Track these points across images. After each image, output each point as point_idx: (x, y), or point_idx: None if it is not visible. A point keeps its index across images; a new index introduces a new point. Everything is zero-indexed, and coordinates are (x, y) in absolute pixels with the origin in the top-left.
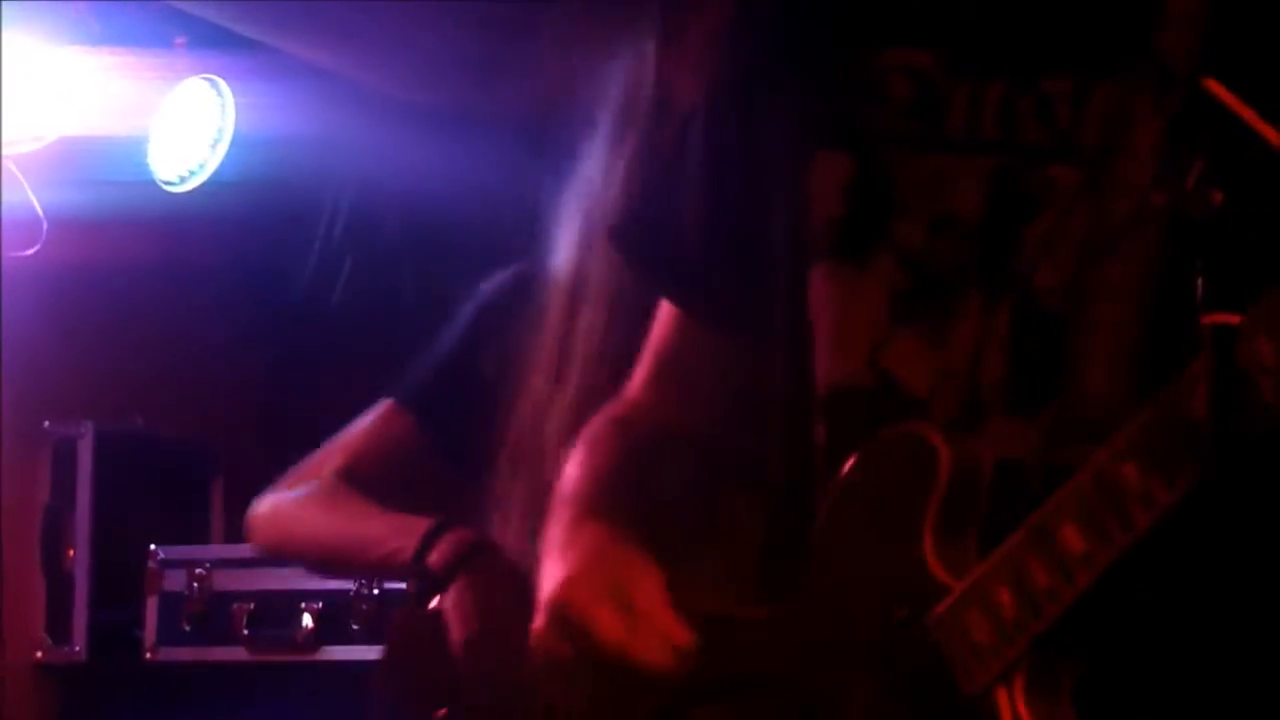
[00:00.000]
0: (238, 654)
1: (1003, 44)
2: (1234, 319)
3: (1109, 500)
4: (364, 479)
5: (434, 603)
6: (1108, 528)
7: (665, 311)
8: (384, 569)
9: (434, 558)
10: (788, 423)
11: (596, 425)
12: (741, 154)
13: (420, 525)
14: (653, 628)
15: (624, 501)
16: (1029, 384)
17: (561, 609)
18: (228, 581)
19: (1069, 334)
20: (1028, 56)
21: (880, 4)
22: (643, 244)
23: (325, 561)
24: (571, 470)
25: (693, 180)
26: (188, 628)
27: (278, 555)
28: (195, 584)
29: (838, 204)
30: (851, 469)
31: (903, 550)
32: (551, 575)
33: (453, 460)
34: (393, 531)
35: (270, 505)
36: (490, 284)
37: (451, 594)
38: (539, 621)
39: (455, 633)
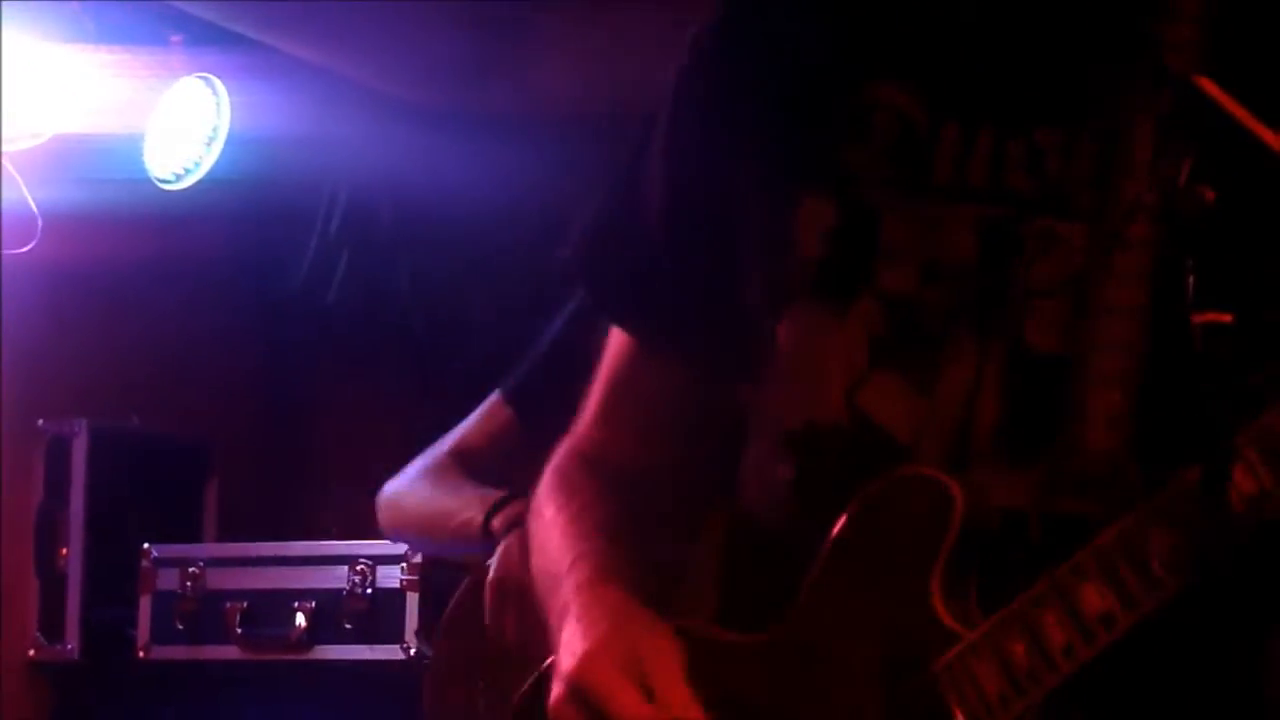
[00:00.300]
0: (230, 653)
1: (993, 90)
2: (1225, 318)
3: (1133, 562)
4: (471, 465)
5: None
6: (1131, 589)
7: (616, 339)
8: (460, 538)
9: (497, 520)
10: (748, 456)
11: (565, 465)
12: (704, 184)
13: (494, 496)
14: (669, 707)
15: (621, 553)
16: (1023, 432)
17: (580, 683)
18: (221, 580)
19: (1065, 385)
20: (1019, 104)
21: (865, 39)
22: (597, 269)
23: (421, 535)
24: (554, 515)
25: (650, 208)
26: (181, 626)
27: (394, 538)
28: (188, 583)
29: (820, 246)
30: (858, 506)
31: (910, 593)
32: (570, 646)
33: (548, 453)
34: (470, 503)
35: (390, 487)
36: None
37: (496, 553)
38: (557, 691)
39: (492, 575)
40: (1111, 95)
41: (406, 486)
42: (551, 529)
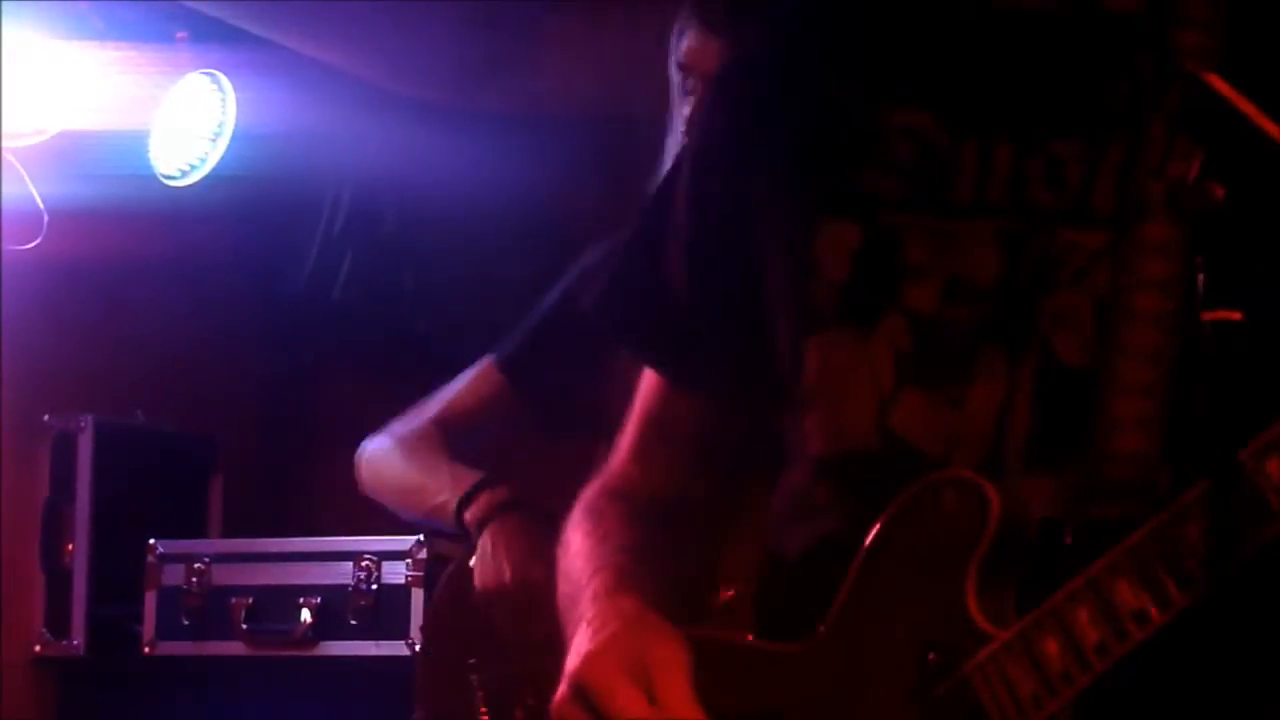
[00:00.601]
0: (236, 649)
1: (1009, 106)
2: (1235, 316)
3: (1166, 559)
4: (456, 431)
5: (471, 561)
6: (1164, 586)
7: (649, 378)
8: (435, 518)
9: (469, 514)
10: (783, 484)
11: (594, 500)
12: (728, 220)
13: (468, 480)
14: (668, 709)
15: (645, 570)
16: (1054, 442)
17: (582, 682)
18: (226, 576)
19: (1094, 394)
20: (1036, 118)
21: (882, 66)
22: (625, 312)
23: (397, 505)
24: (580, 544)
25: (675, 247)
26: (186, 622)
27: (375, 498)
28: (194, 578)
29: (845, 270)
30: (893, 511)
31: (944, 594)
32: (578, 647)
33: (539, 421)
34: (446, 484)
35: (371, 447)
36: (592, 251)
37: (476, 549)
38: (561, 690)
39: (476, 584)
40: (1127, 101)
41: (386, 453)
42: (576, 555)
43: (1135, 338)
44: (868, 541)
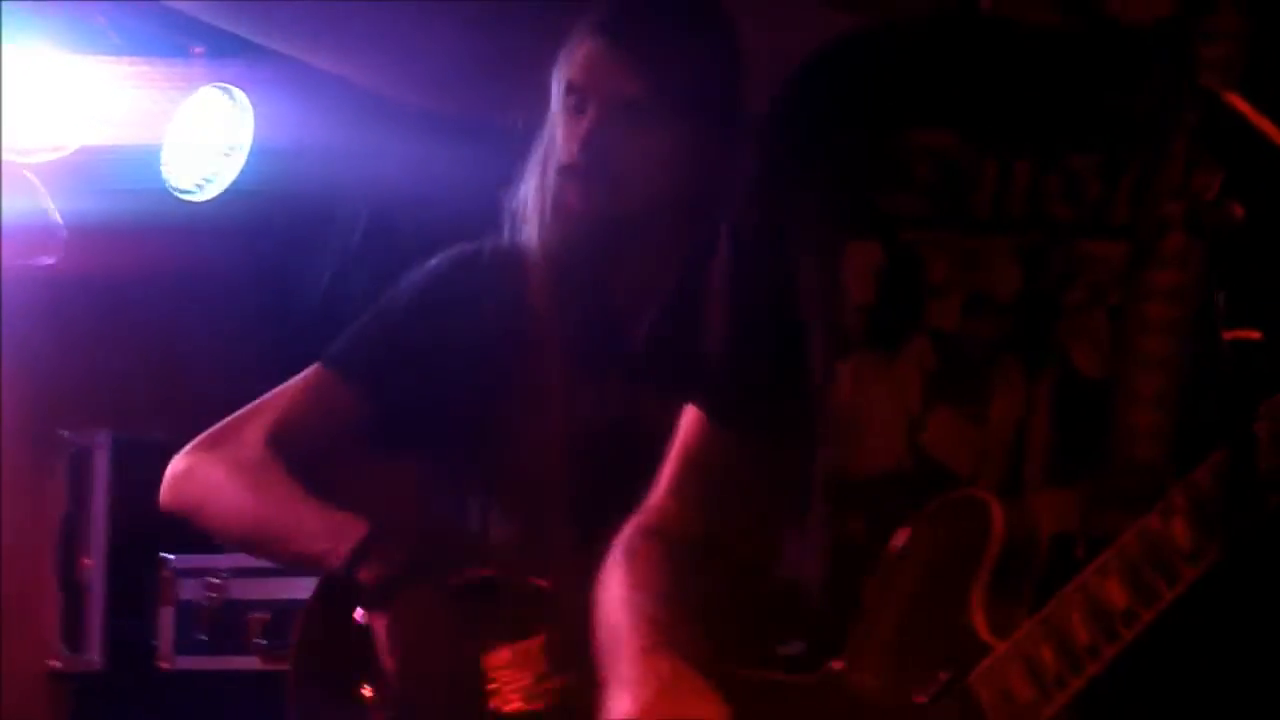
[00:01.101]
0: (252, 664)
1: (1028, 122)
2: (1254, 335)
3: (1155, 558)
4: (293, 449)
5: (358, 614)
6: (1153, 585)
7: (690, 416)
8: (307, 566)
9: (366, 573)
10: (818, 516)
11: (632, 540)
12: (768, 254)
13: (353, 529)
14: None
15: (683, 620)
16: (1072, 454)
17: None
18: (243, 591)
19: (1109, 404)
20: (1054, 134)
21: (901, 87)
22: (665, 351)
23: (244, 541)
24: (618, 590)
25: (719, 289)
26: (203, 637)
27: (188, 519)
28: (210, 593)
29: (870, 292)
30: (906, 533)
31: (951, 612)
32: (619, 709)
33: (390, 438)
34: (324, 530)
35: (188, 466)
36: (444, 259)
37: (386, 618)
38: None
39: (390, 655)
40: (1145, 117)
41: (219, 483)
42: (614, 603)
43: (1150, 346)
44: (885, 558)
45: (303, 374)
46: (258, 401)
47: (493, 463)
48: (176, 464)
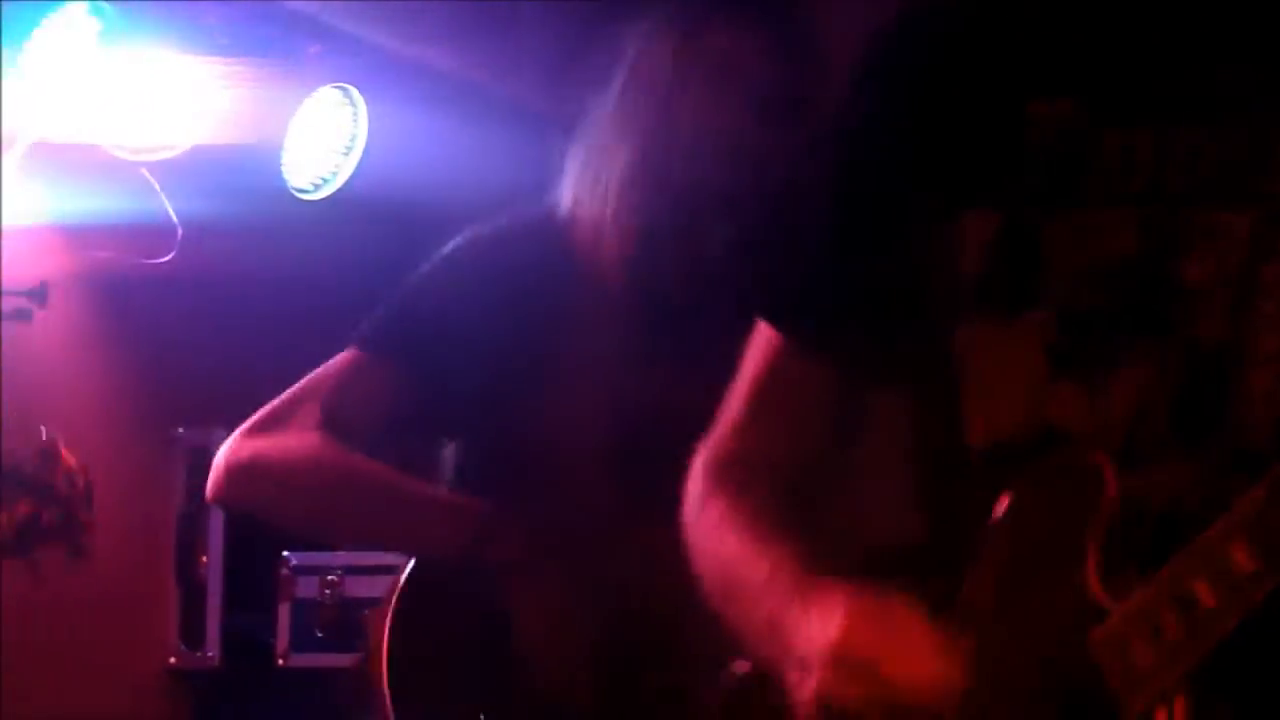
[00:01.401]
0: None
1: (1147, 90)
2: None
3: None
4: (342, 434)
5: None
6: (1278, 545)
7: (765, 341)
8: (424, 552)
9: (497, 551)
10: (935, 479)
11: (719, 467)
12: (870, 190)
13: (468, 510)
14: (926, 658)
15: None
16: (1193, 423)
17: (845, 654)
18: (359, 588)
19: (1230, 369)
20: (1174, 102)
21: (1021, 55)
22: (752, 268)
23: (337, 533)
24: (715, 518)
25: (816, 209)
26: (320, 634)
27: (258, 514)
28: (327, 590)
29: (987, 262)
30: (1015, 495)
31: (1065, 574)
32: (809, 636)
33: (431, 418)
34: (439, 514)
35: (252, 457)
36: (482, 237)
37: (522, 592)
38: (820, 676)
39: (532, 629)
40: (1268, 83)
41: (288, 464)
42: (725, 537)
43: (1270, 309)
44: (994, 519)
45: (339, 358)
46: (301, 387)
47: (538, 439)
48: (234, 453)
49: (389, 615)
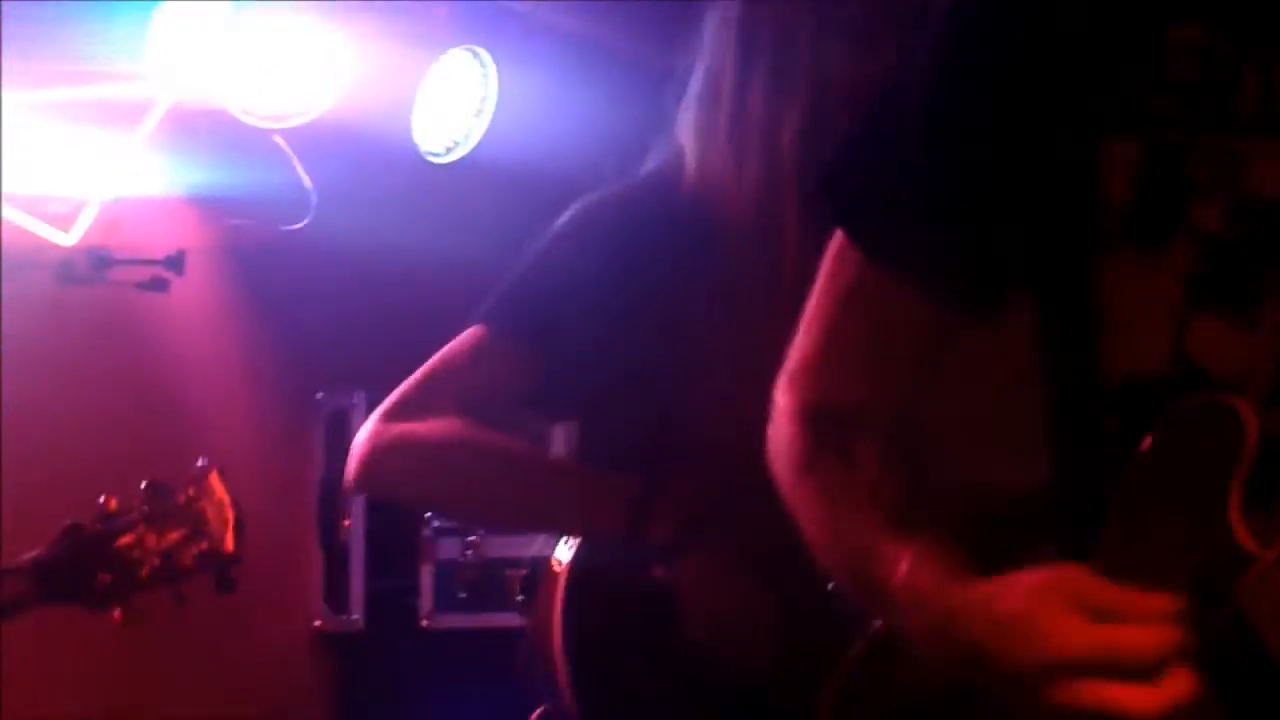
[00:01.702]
0: (512, 620)
1: None
2: None
3: None
4: (477, 415)
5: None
6: None
7: (845, 263)
8: (584, 533)
9: (657, 531)
10: (1067, 412)
11: (812, 422)
12: (975, 113)
13: (622, 488)
14: (1135, 605)
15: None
16: None
17: (1031, 623)
18: (500, 548)
19: None
20: None
21: None
22: (844, 186)
23: (490, 516)
24: (821, 483)
25: (911, 132)
26: (462, 595)
27: (405, 498)
28: (468, 551)
29: (1130, 191)
30: (1154, 437)
31: (1208, 518)
32: (1013, 587)
33: (563, 396)
34: (595, 497)
35: (396, 440)
36: (598, 202)
37: (691, 570)
38: (1004, 642)
39: (699, 609)
40: None
41: (442, 451)
42: (840, 513)
43: None
44: (1132, 469)
45: (466, 336)
46: (431, 367)
47: (677, 411)
48: (379, 438)
49: (560, 585)
